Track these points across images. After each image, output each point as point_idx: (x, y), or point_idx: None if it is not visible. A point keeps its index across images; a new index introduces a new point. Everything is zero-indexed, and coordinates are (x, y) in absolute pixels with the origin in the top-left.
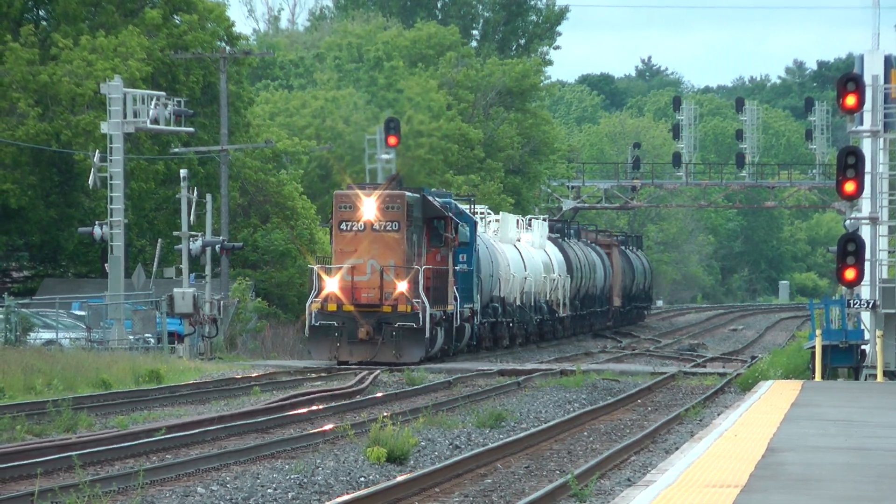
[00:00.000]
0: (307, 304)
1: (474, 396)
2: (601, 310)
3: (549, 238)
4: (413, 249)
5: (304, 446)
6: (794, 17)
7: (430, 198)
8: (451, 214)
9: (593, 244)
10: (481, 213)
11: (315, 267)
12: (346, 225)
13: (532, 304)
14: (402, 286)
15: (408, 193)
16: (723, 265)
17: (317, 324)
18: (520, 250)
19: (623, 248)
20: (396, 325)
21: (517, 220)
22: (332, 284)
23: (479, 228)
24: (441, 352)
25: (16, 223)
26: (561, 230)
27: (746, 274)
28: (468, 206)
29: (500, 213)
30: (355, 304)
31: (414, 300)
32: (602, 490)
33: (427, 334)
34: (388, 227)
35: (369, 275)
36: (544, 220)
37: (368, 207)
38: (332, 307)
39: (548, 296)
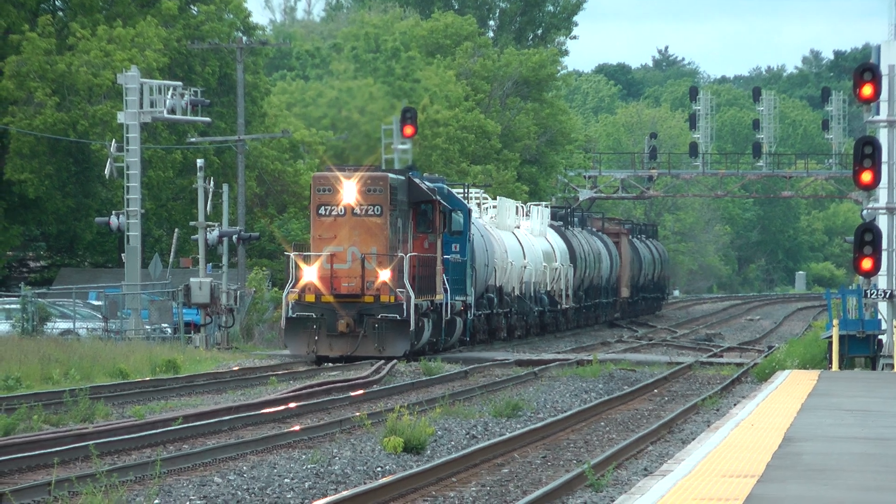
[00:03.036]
0: (284, 295)
1: (491, 386)
2: (607, 301)
3: (552, 226)
4: (398, 236)
5: (320, 436)
6: (808, 6)
7: (417, 181)
8: (439, 199)
9: (599, 233)
10: (477, 199)
11: (292, 254)
12: (325, 209)
13: (532, 294)
14: (385, 275)
15: (391, 175)
16: (739, 255)
17: (294, 315)
18: (518, 238)
19: (633, 236)
20: (379, 317)
21: (516, 207)
22: (309, 273)
23: (475, 214)
24: (429, 345)
25: (33, 213)
26: (564, 218)
27: (763, 264)
28: (462, 192)
29: (498, 197)
30: (335, 294)
31: (398, 290)
32: (619, 480)
33: (412, 326)
34: (369, 212)
35: (350, 263)
36: (546, 206)
37: (348, 190)
38: (309, 298)
39: (549, 286)
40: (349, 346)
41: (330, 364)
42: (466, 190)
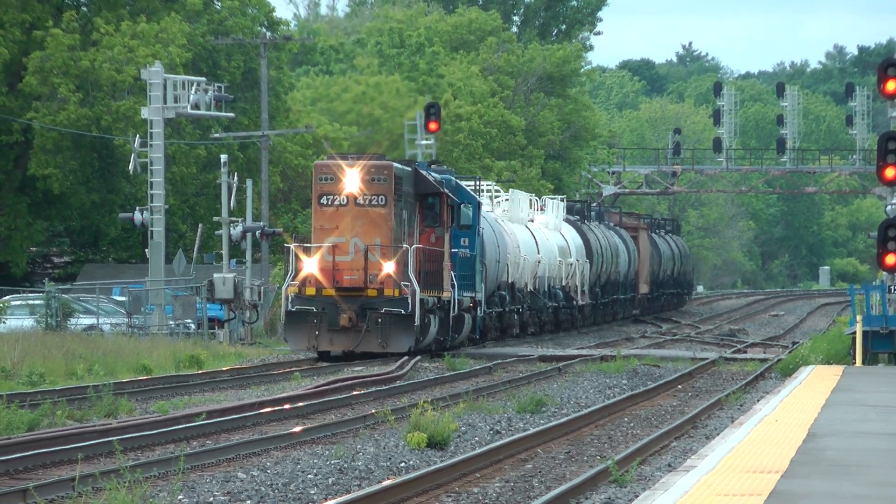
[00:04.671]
0: (283, 288)
1: (515, 382)
2: (625, 297)
3: (568, 220)
4: (402, 228)
5: (344, 431)
6: (832, 1)
7: (424, 172)
8: (447, 191)
9: (617, 227)
10: (489, 192)
11: (292, 246)
12: (327, 199)
13: (546, 290)
14: (389, 267)
15: (396, 165)
16: (763, 251)
17: (293, 309)
18: (532, 232)
19: (652, 231)
20: (382, 311)
21: (530, 200)
22: (310, 265)
23: (487, 207)
24: (436, 343)
25: (57, 208)
26: (581, 212)
27: (787, 259)
28: (472, 185)
29: (511, 190)
30: (336, 287)
31: (402, 283)
32: (643, 475)
33: (417, 322)
34: (373, 202)
35: (352, 255)
36: (562, 200)
37: (351, 179)
38: (310, 291)
39: (564, 281)
40: (351, 341)
41: (355, 360)
42: (477, 182)
